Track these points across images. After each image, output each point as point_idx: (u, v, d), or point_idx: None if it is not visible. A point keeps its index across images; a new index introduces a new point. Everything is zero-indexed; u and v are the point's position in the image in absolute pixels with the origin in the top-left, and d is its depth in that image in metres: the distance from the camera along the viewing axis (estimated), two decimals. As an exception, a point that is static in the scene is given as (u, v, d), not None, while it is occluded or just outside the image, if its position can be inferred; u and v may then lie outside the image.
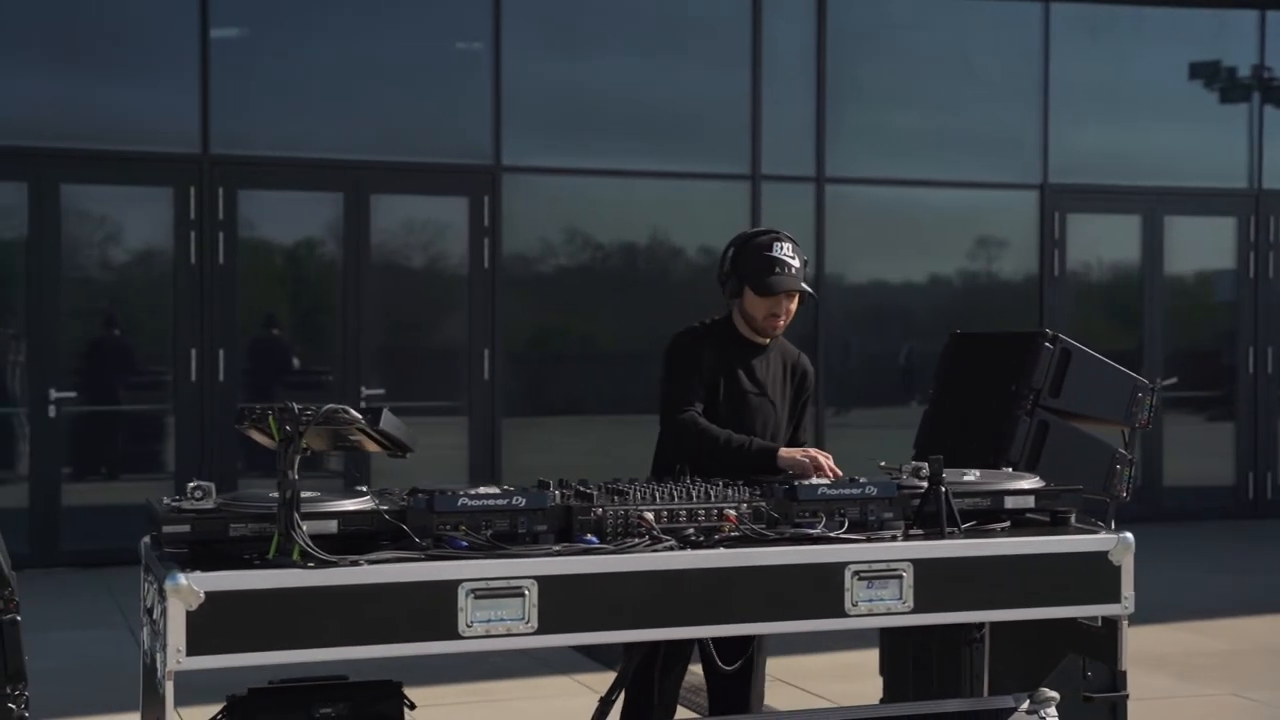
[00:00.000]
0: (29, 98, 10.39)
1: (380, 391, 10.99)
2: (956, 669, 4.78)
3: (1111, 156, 12.94)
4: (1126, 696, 4.92)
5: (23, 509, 10.37)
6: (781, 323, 4.55)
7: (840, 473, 4.22)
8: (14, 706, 3.73)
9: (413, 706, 3.95)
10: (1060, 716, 4.81)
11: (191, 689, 4.27)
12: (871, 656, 5.61)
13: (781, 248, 4.51)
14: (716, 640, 4.35)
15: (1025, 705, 4.02)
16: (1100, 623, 3.93)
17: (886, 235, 12.47)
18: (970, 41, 12.60)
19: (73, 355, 10.72)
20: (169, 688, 3.22)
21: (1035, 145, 12.77)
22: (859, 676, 7.09)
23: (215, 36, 10.63)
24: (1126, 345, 12.97)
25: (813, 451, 4.31)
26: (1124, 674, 4.92)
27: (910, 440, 5.21)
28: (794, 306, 4.57)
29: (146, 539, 3.69)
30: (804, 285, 4.52)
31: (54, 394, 10.41)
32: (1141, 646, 7.46)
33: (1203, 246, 13.49)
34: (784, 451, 4.34)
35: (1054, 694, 4.05)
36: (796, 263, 4.52)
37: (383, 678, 3.96)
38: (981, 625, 4.53)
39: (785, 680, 7.10)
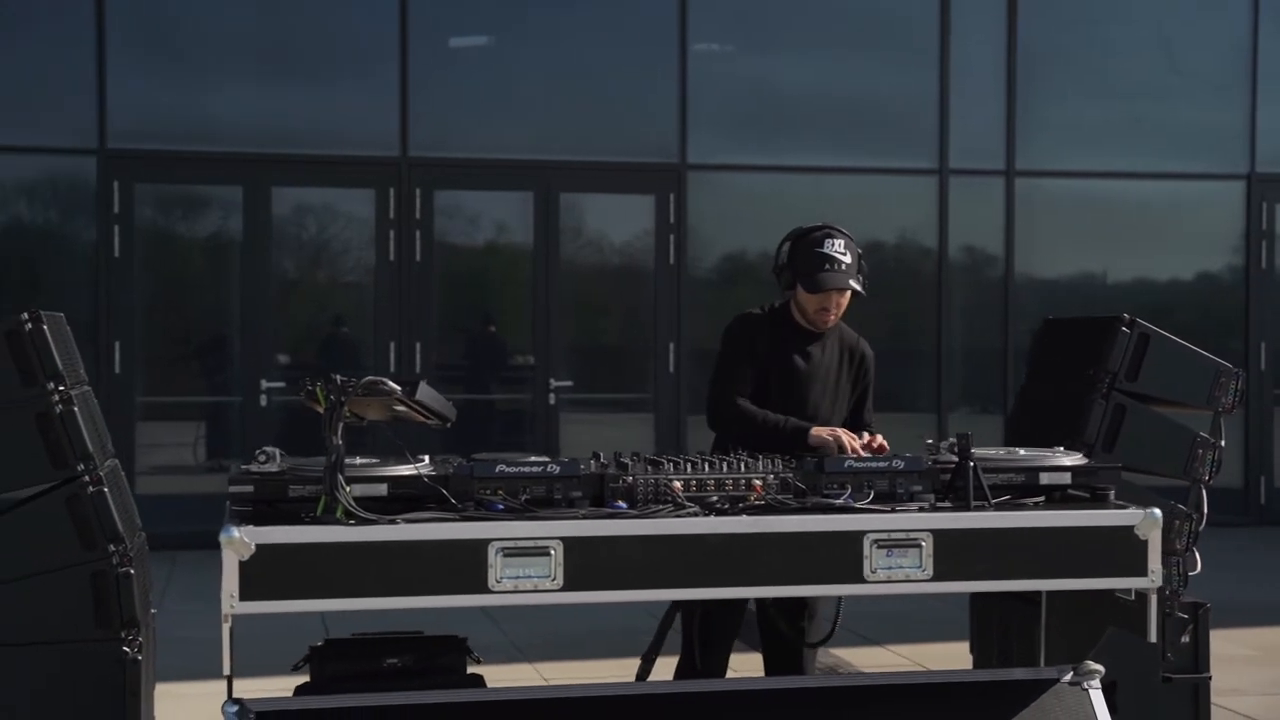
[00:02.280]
0: (242, 106, 11.11)
1: (568, 384, 11.40)
2: (1032, 645, 4.86)
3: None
4: (1208, 678, 4.96)
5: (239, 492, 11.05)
6: (831, 317, 4.73)
7: (857, 445, 4.38)
8: (127, 650, 4.16)
9: (478, 660, 4.26)
10: (1138, 697, 4.87)
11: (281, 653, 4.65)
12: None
13: (833, 244, 4.68)
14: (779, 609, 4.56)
15: (1069, 676, 4.10)
16: (1134, 596, 3.99)
17: (1080, 229, 12.31)
18: (1170, 28, 12.35)
19: (283, 349, 11.41)
20: (226, 630, 3.59)
21: (1242, 134, 12.44)
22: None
23: (413, 43, 11.17)
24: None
25: (840, 431, 4.47)
26: (1207, 655, 4.97)
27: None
28: (845, 301, 4.74)
29: (228, 501, 4.08)
30: (852, 283, 4.66)
31: (265, 384, 11.10)
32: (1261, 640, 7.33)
33: None
34: (815, 430, 4.51)
35: (1098, 667, 4.11)
36: (848, 259, 4.68)
37: (452, 634, 4.28)
38: (1038, 600, 4.61)
39: (922, 665, 7.19)
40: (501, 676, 6.02)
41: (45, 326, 4.17)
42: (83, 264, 10.98)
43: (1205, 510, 4.85)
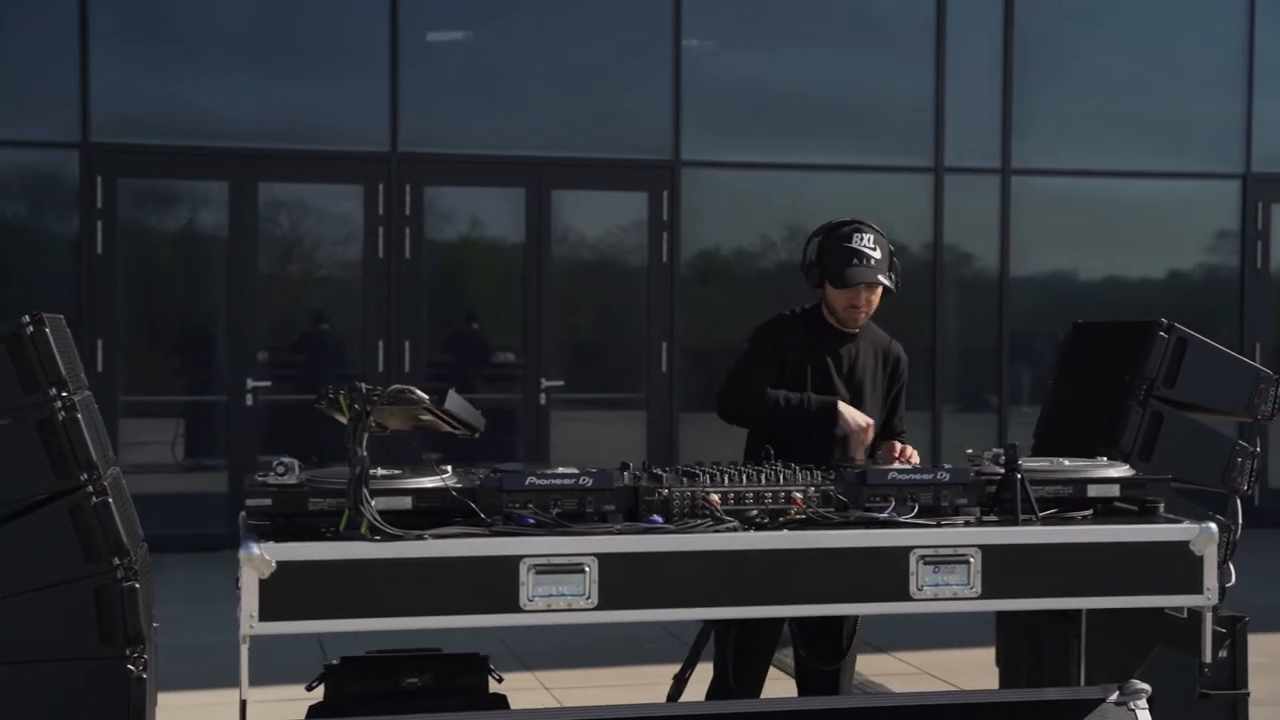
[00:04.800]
0: (229, 99, 10.89)
1: (560, 383, 11.23)
2: (1066, 662, 4.72)
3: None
4: (1247, 694, 4.82)
5: (222, 493, 10.87)
6: (861, 314, 4.57)
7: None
8: (132, 668, 3.97)
9: (500, 679, 4.09)
10: (1174, 713, 4.72)
11: (293, 666, 4.49)
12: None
13: (862, 239, 4.52)
14: (809, 640, 4.41)
15: (1114, 696, 3.96)
16: (1186, 614, 3.84)
17: (1075, 228, 12.19)
18: (1166, 25, 12.24)
19: (269, 346, 11.21)
20: (244, 651, 3.41)
21: (1237, 132, 12.34)
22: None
23: (403, 37, 10.98)
24: (1336, 341, 12.47)
25: (861, 417, 4.36)
26: (1245, 671, 4.83)
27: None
28: (875, 298, 4.58)
29: (243, 513, 3.90)
30: (882, 278, 4.51)
31: (251, 383, 10.90)
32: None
33: None
34: (844, 406, 4.39)
35: (1145, 686, 3.97)
36: (877, 254, 4.52)
37: (473, 651, 4.11)
38: (1081, 618, 4.47)
39: (930, 673, 7.07)
40: (501, 687, 5.88)
41: (48, 330, 3.98)
42: (64, 260, 10.75)
43: (1240, 521, 4.72)
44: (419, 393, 3.51)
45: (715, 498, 3.66)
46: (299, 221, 11.28)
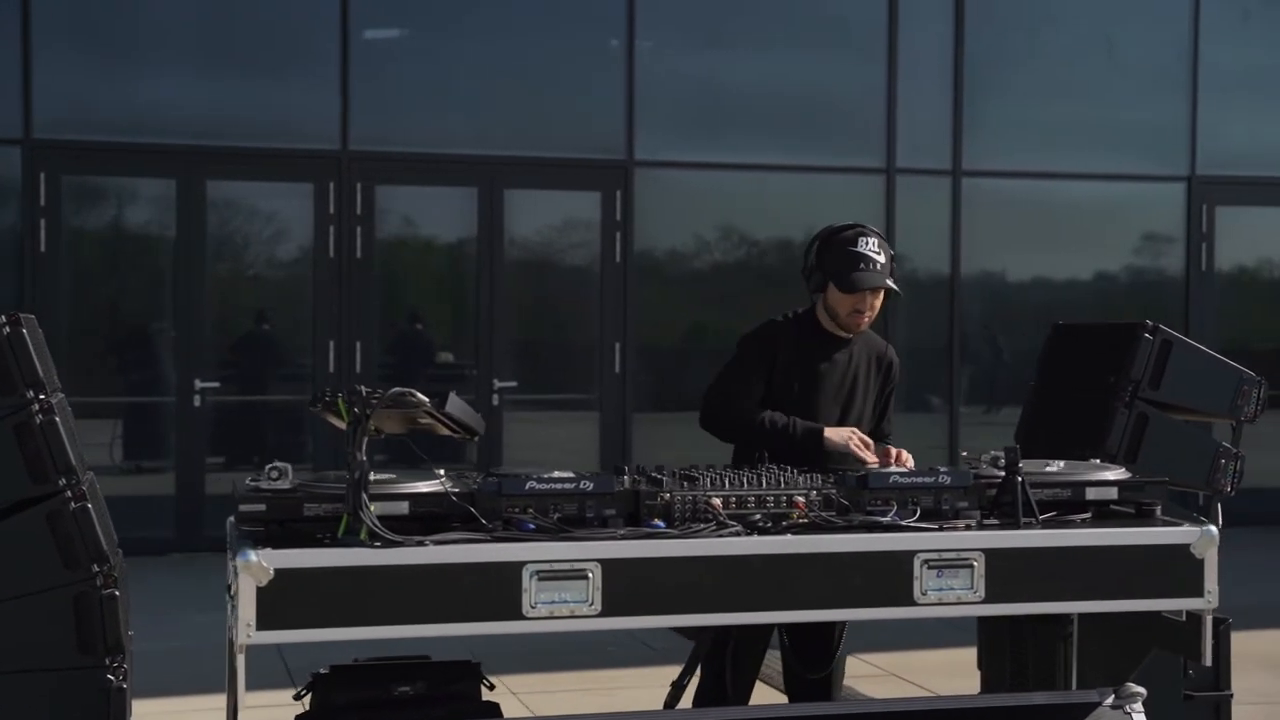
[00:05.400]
0: (176, 96, 10.71)
1: (513, 384, 11.14)
2: (1052, 664, 4.71)
3: (1264, 146, 12.56)
4: (1230, 696, 4.83)
5: (169, 495, 10.70)
6: (865, 319, 4.52)
7: (872, 458, 4.22)
8: (112, 678, 3.87)
9: (491, 687, 4.02)
10: (1159, 715, 4.72)
11: (279, 670, 4.40)
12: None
13: (867, 243, 4.47)
14: (799, 647, 4.37)
15: (1110, 700, 3.94)
16: (1185, 617, 3.83)
17: (1025, 229, 12.27)
18: (1114, 28, 12.33)
19: (218, 347, 11.05)
20: (241, 661, 3.32)
21: (1183, 135, 12.46)
22: (973, 673, 7.02)
23: (354, 35, 10.86)
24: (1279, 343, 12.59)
25: (854, 434, 4.30)
26: (1228, 672, 4.84)
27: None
28: (879, 303, 4.53)
29: (232, 518, 3.81)
30: (889, 282, 4.46)
31: (199, 384, 10.73)
32: (1253, 648, 7.27)
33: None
34: (829, 431, 4.33)
35: (1140, 689, 3.96)
36: (882, 259, 4.48)
37: (464, 658, 4.04)
38: (1072, 620, 4.45)
39: (898, 675, 7.05)
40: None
41: (25, 330, 3.87)
42: (6, 258, 10.54)
43: (1220, 522, 4.73)
44: (420, 396, 3.43)
45: (718, 501, 3.61)
46: (248, 220, 11.11)
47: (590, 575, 3.44)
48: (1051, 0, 12.30)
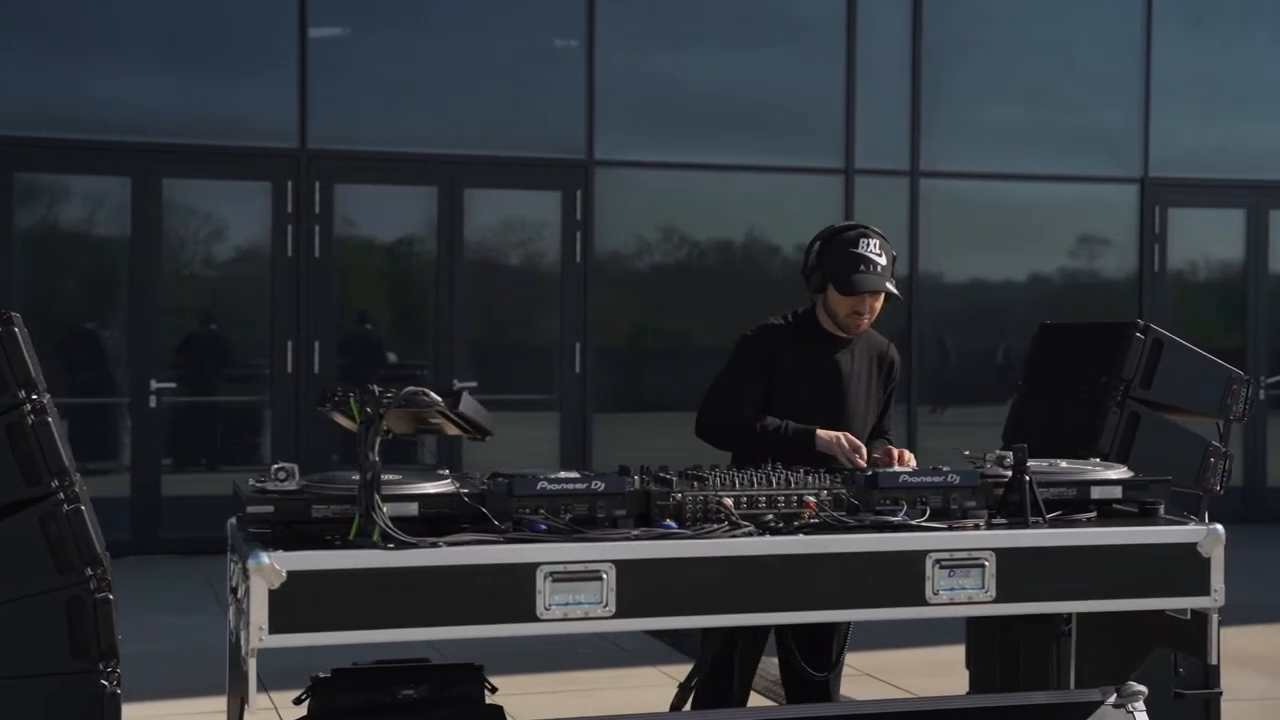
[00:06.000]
0: (132, 94, 10.58)
1: (473, 384, 11.06)
2: (1044, 662, 4.71)
3: (1215, 149, 12.70)
4: (1219, 694, 4.86)
5: (124, 497, 10.56)
6: (865, 321, 4.48)
7: (861, 462, 4.21)
8: (106, 683, 3.79)
9: (494, 690, 3.98)
10: (1150, 713, 4.74)
11: (278, 672, 4.33)
12: (958, 652, 5.53)
13: (868, 244, 4.43)
14: (801, 646, 4.35)
15: (1113, 699, 3.95)
16: (1190, 616, 3.85)
17: (982, 230, 12.34)
18: (1070, 33, 12.43)
19: (174, 347, 10.92)
20: (252, 665, 3.26)
21: (1136, 138, 12.57)
22: (946, 672, 7.04)
23: (313, 34, 10.76)
24: (1230, 343, 12.71)
25: (845, 436, 4.28)
26: (1217, 670, 4.87)
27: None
28: (879, 305, 4.49)
29: (233, 520, 3.75)
30: (889, 285, 4.43)
31: (155, 385, 10.59)
32: (1239, 646, 7.34)
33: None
34: (822, 432, 4.30)
35: (1142, 688, 3.97)
36: (883, 260, 4.44)
37: (465, 661, 3.99)
38: (1069, 618, 4.46)
39: (872, 675, 7.06)
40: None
41: (16, 329, 3.79)
42: (-42, 257, 10.37)
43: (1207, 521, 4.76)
44: (433, 395, 3.38)
45: (729, 501, 3.58)
46: (205, 219, 10.97)
47: (605, 576, 3.40)
48: (1007, 4, 12.38)
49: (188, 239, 10.98)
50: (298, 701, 3.89)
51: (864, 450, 4.28)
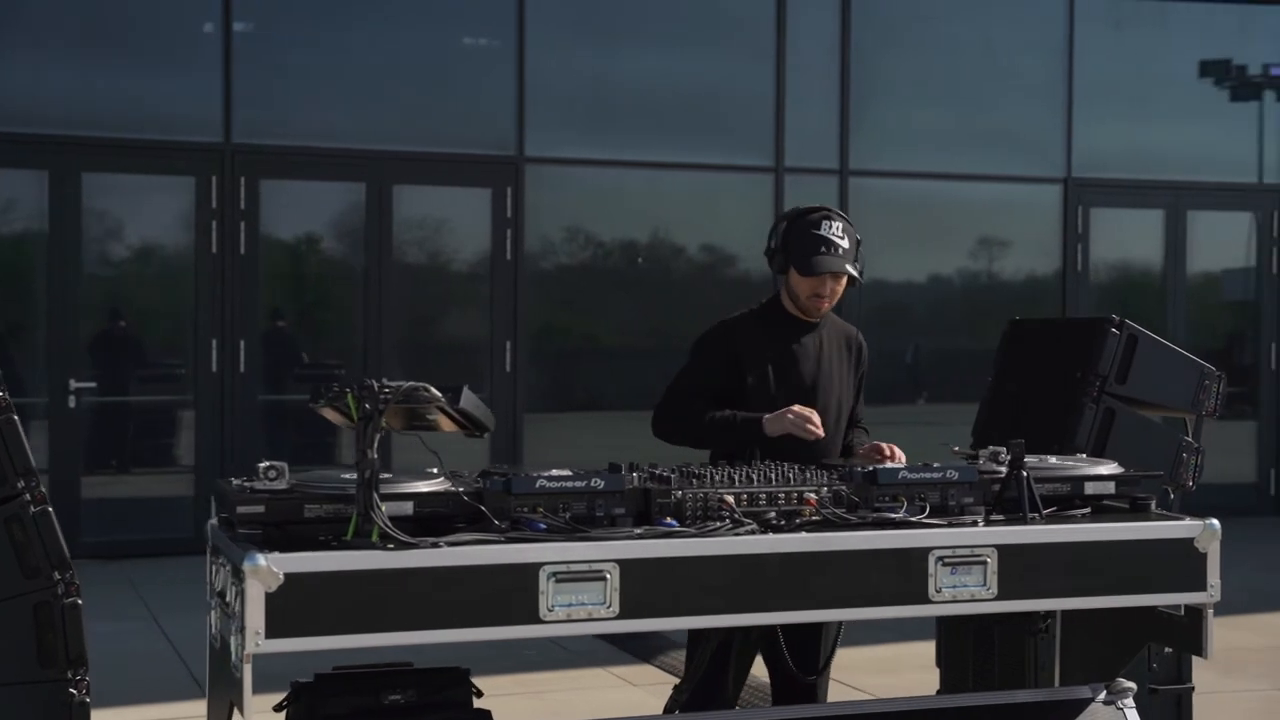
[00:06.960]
0: (50, 85, 10.29)
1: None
2: (1020, 659, 4.70)
3: (1135, 150, 12.85)
4: (1192, 689, 4.87)
5: (42, 500, 10.26)
6: (825, 304, 4.44)
7: (821, 432, 4.19)
8: (75, 692, 3.65)
9: (480, 694, 3.88)
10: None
11: (256, 677, 4.19)
12: (909, 650, 5.52)
13: (831, 226, 4.40)
14: (793, 648, 4.29)
15: (1102, 696, 3.93)
16: (1183, 612, 3.83)
17: (909, 228, 12.38)
18: (994, 35, 12.52)
19: (93, 347, 10.64)
20: (247, 671, 3.14)
21: (1059, 139, 12.69)
22: (899, 670, 7.03)
23: (239, 26, 10.55)
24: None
25: (796, 407, 4.22)
26: (1189, 666, 4.88)
27: (912, 439, 5.03)
28: (840, 288, 4.45)
29: (214, 521, 3.62)
30: (850, 268, 4.39)
31: (74, 384, 10.33)
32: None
33: (1226, 241, 13.42)
34: (767, 418, 4.23)
35: (1131, 684, 3.96)
36: (845, 243, 4.40)
37: (449, 665, 3.89)
38: (1049, 615, 4.44)
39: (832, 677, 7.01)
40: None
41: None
42: None
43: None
44: (433, 391, 3.28)
45: (730, 499, 3.51)
46: (126, 215, 10.70)
47: (608, 576, 3.31)
48: (934, 6, 12.44)
49: (108, 235, 10.71)
50: (278, 708, 3.75)
51: (816, 418, 4.21)
